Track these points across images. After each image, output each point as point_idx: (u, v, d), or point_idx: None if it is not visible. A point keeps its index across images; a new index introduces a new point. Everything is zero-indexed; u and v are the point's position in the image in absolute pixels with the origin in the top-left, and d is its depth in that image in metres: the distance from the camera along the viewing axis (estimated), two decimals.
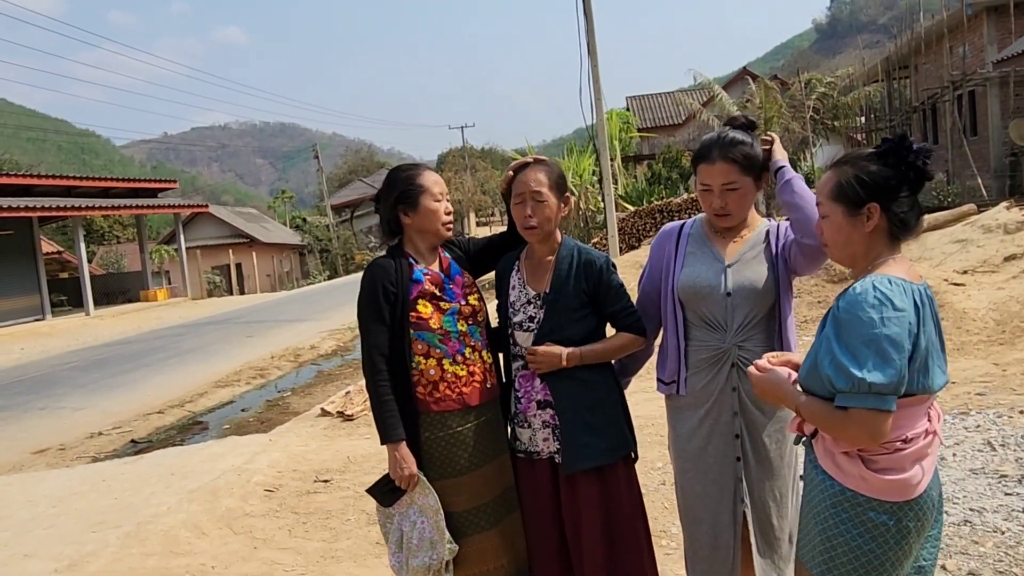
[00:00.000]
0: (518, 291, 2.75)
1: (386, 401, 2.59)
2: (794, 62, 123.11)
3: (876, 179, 1.92)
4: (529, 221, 2.64)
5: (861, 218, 1.94)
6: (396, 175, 2.76)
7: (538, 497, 2.71)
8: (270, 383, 11.57)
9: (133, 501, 5.13)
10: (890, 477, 1.85)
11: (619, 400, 2.75)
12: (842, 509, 1.89)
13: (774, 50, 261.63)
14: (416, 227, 2.73)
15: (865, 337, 1.78)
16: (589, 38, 16.54)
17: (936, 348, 1.89)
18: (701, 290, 2.56)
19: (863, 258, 1.97)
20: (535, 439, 2.70)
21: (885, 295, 1.80)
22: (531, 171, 2.69)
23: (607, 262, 2.72)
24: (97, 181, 27.38)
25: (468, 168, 61.27)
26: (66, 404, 10.63)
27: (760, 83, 23.26)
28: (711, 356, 2.56)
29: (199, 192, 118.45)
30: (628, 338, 2.70)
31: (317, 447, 6.12)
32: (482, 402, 2.69)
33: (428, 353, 2.64)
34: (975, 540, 3.61)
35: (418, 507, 2.61)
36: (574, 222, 23.13)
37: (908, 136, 1.93)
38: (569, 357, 2.61)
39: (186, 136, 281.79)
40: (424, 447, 2.62)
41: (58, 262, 33.30)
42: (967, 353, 7.05)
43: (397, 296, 2.63)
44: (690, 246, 2.66)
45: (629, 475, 2.71)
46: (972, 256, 10.30)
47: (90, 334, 19.63)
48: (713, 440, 2.58)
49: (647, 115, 39.98)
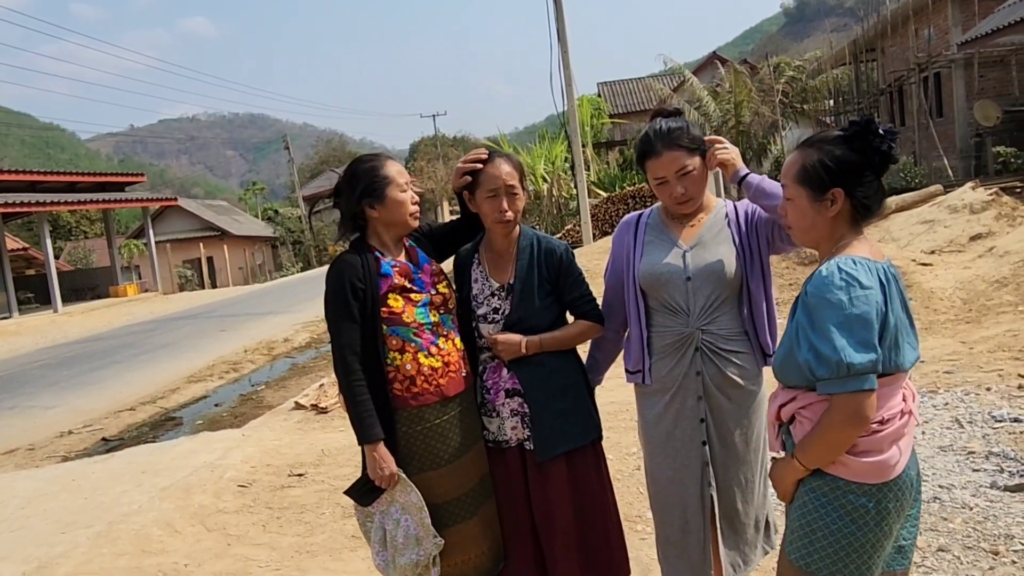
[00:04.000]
0: (481, 283, 2.74)
1: (362, 401, 2.52)
2: (763, 46, 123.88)
3: (841, 163, 1.93)
4: (506, 215, 2.63)
5: (825, 202, 1.95)
6: (357, 167, 2.68)
7: (509, 485, 2.71)
8: (243, 377, 11.47)
9: (104, 500, 5.05)
10: (869, 459, 1.86)
11: (585, 384, 2.77)
12: (821, 494, 1.89)
13: (743, 34, 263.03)
14: (383, 220, 2.66)
15: (836, 319, 1.79)
16: (559, 24, 16.48)
17: (905, 325, 1.91)
18: (661, 276, 2.56)
19: (827, 240, 1.99)
20: (503, 428, 2.69)
21: (851, 275, 1.81)
22: (501, 164, 2.66)
23: (567, 250, 2.74)
24: (62, 176, 26.87)
25: (440, 157, 60.98)
26: (36, 403, 10.47)
27: (730, 68, 23.35)
28: (674, 341, 2.57)
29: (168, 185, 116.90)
30: (586, 325, 2.72)
31: (291, 441, 6.07)
32: (458, 392, 2.66)
33: (403, 348, 2.59)
34: (944, 517, 3.66)
35: (400, 505, 2.57)
36: (547, 209, 23.13)
37: (875, 119, 1.93)
38: (528, 344, 2.62)
39: (154, 129, 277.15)
40: (402, 442, 2.58)
41: (24, 259, 32.72)
42: (935, 332, 7.15)
43: (366, 292, 2.57)
44: (648, 235, 2.67)
45: (597, 458, 2.74)
46: (939, 236, 10.44)
47: (59, 331, 19.34)
48: (680, 425, 2.59)
49: (619, 101, 39.98)
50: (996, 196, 10.87)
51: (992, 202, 10.66)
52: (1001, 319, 7.12)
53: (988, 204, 10.61)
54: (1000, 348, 6.27)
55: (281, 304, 19.95)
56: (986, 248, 9.15)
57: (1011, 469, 4.07)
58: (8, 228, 31.69)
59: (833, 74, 23.79)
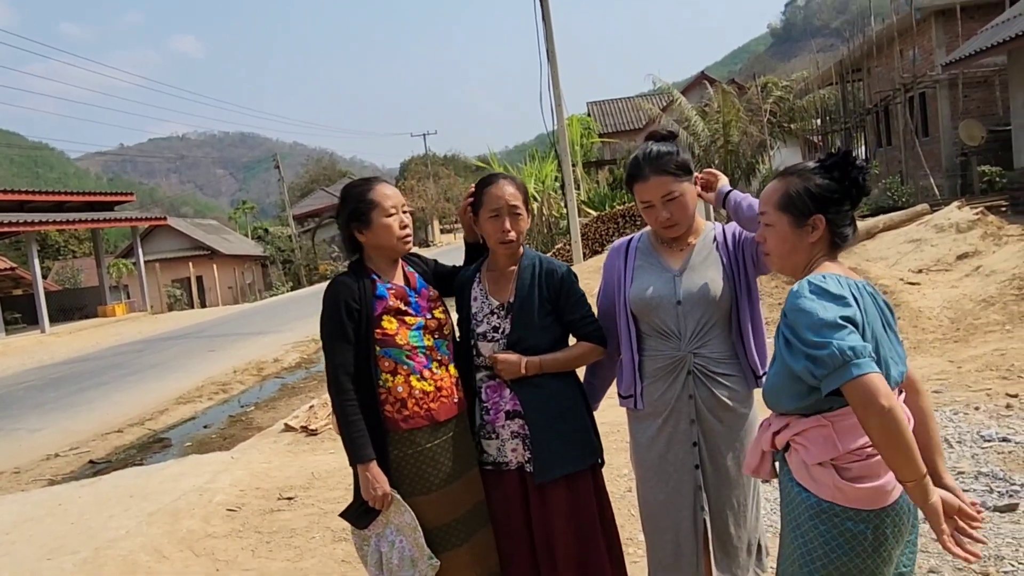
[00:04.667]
0: (480, 302, 2.75)
1: (354, 421, 2.54)
2: (751, 66, 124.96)
3: (823, 191, 1.99)
4: (508, 235, 2.66)
5: (807, 229, 2.00)
6: (348, 191, 2.72)
7: (508, 508, 2.70)
8: (233, 398, 11.39)
9: (91, 525, 5.00)
10: (863, 485, 1.86)
11: (585, 408, 2.77)
12: (820, 521, 1.89)
13: (731, 54, 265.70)
14: (372, 244, 2.69)
15: (813, 324, 1.81)
16: (548, 44, 16.61)
17: (885, 339, 1.93)
18: (651, 301, 2.57)
19: (803, 267, 2.03)
20: (503, 450, 2.70)
21: (819, 286, 1.86)
22: (505, 185, 2.70)
23: (568, 271, 2.76)
24: (51, 195, 26.79)
25: (431, 175, 61.19)
26: (21, 425, 10.37)
27: (717, 88, 23.54)
28: (666, 365, 2.58)
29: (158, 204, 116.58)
30: (588, 347, 2.72)
31: (280, 463, 6.04)
32: (450, 417, 2.66)
33: (395, 370, 2.61)
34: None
35: (395, 526, 2.57)
36: (537, 228, 23.17)
37: (852, 151, 2.01)
38: (528, 365, 2.62)
39: (143, 147, 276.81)
40: (393, 465, 2.58)
41: (11, 279, 32.49)
42: (923, 351, 7.19)
43: (361, 313, 2.59)
44: (638, 260, 2.69)
45: (597, 482, 2.74)
46: (926, 255, 10.51)
47: (46, 352, 19.19)
48: (672, 448, 2.59)
49: (608, 120, 40.24)
50: (982, 215, 10.97)
51: (978, 221, 10.75)
52: (988, 338, 7.17)
53: (974, 223, 10.70)
54: (988, 367, 6.30)
55: (271, 324, 19.86)
56: (973, 267, 9.23)
57: (1000, 489, 4.09)
58: None
59: (820, 94, 24.04)
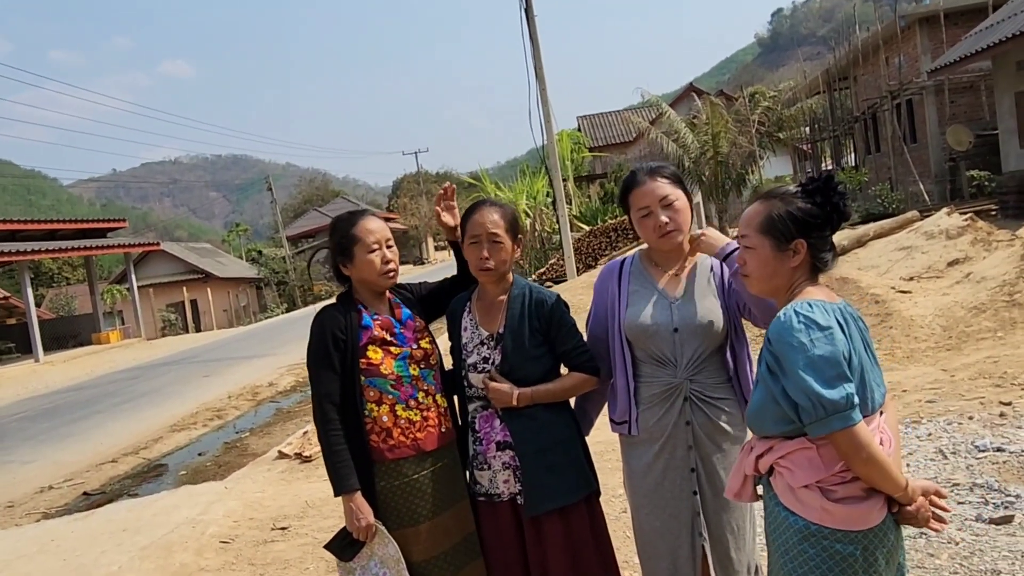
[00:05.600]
0: (470, 332, 2.73)
1: (338, 451, 2.54)
2: (739, 76, 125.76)
3: (805, 215, 1.99)
4: (486, 263, 2.62)
5: (788, 253, 2.00)
6: (335, 225, 2.74)
7: (502, 540, 2.67)
8: (228, 424, 11.34)
9: (83, 562, 4.95)
10: (850, 506, 1.86)
11: (578, 440, 2.73)
12: (809, 545, 1.88)
13: (719, 64, 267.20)
14: (356, 277, 2.70)
15: (802, 362, 1.81)
16: (536, 62, 16.69)
17: (868, 362, 1.94)
18: (648, 328, 2.55)
19: (784, 290, 2.03)
20: (495, 481, 2.67)
21: (808, 317, 1.85)
22: (486, 212, 2.67)
23: (558, 301, 2.71)
24: (43, 224, 26.78)
25: (424, 193, 61.25)
26: (14, 458, 10.30)
27: (706, 99, 23.65)
28: (663, 391, 2.56)
29: (152, 228, 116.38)
30: (581, 378, 2.68)
31: (274, 492, 5.99)
32: (437, 447, 2.65)
33: (380, 400, 2.60)
34: (930, 553, 3.64)
35: (379, 558, 2.55)
36: (530, 244, 23.19)
37: (835, 176, 2.03)
38: (520, 397, 2.59)
39: (136, 172, 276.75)
40: (380, 496, 2.57)
41: (4, 308, 32.43)
42: (916, 360, 7.19)
43: (347, 343, 2.60)
44: (632, 284, 2.65)
45: (593, 513, 2.69)
46: (917, 263, 10.53)
47: (40, 382, 19.10)
48: (669, 475, 2.57)
49: (598, 134, 40.41)
50: (971, 221, 11.00)
51: (968, 227, 10.78)
52: (981, 345, 7.17)
53: (964, 229, 10.73)
54: (981, 375, 6.30)
55: (265, 347, 19.79)
56: (963, 274, 9.24)
57: (995, 501, 4.06)
58: None
59: (808, 103, 24.16)
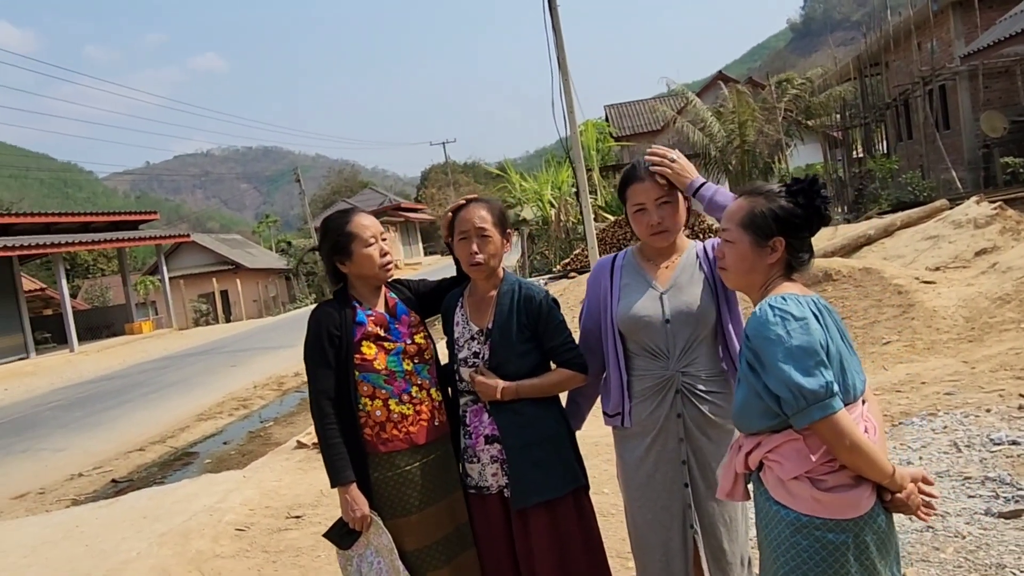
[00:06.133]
0: (462, 327, 2.77)
1: (334, 444, 2.62)
2: (770, 63, 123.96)
3: (787, 214, 2.04)
4: (475, 258, 2.66)
5: (767, 250, 2.04)
6: (328, 224, 2.79)
7: (491, 532, 2.71)
8: (253, 414, 11.53)
9: (104, 548, 5.08)
10: (840, 495, 1.89)
11: (567, 435, 2.75)
12: (802, 536, 1.91)
13: (751, 51, 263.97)
14: (354, 273, 2.76)
15: (780, 354, 1.85)
16: (559, 52, 16.61)
17: (846, 352, 1.97)
18: (640, 320, 2.58)
19: (759, 287, 2.07)
20: (484, 474, 2.71)
21: (782, 309, 1.89)
22: (473, 208, 2.71)
23: (547, 297, 2.75)
24: (77, 216, 27.27)
25: (451, 183, 61.43)
26: (47, 445, 10.56)
27: (732, 88, 23.43)
28: (655, 384, 2.58)
29: (184, 220, 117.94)
30: (567, 374, 2.70)
31: (291, 481, 6.09)
32: (429, 440, 2.70)
33: (374, 394, 2.66)
34: (936, 546, 3.62)
35: (374, 547, 2.63)
36: (555, 234, 23.17)
37: (819, 179, 2.06)
38: (504, 391, 2.63)
39: (169, 165, 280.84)
40: (374, 487, 2.64)
41: (41, 299, 33.13)
42: (937, 352, 7.09)
43: (341, 339, 2.66)
44: (624, 277, 2.68)
45: (580, 507, 2.71)
46: (944, 252, 10.38)
47: (74, 371, 19.52)
48: (660, 468, 2.59)
49: (626, 123, 40.16)
50: (1000, 210, 10.80)
51: (996, 216, 10.59)
52: (1004, 337, 7.05)
53: (992, 218, 10.54)
54: (1002, 367, 6.20)
55: (291, 337, 19.98)
56: (990, 264, 9.08)
57: (1006, 495, 4.02)
58: (27, 269, 32.18)
59: (837, 90, 23.81)
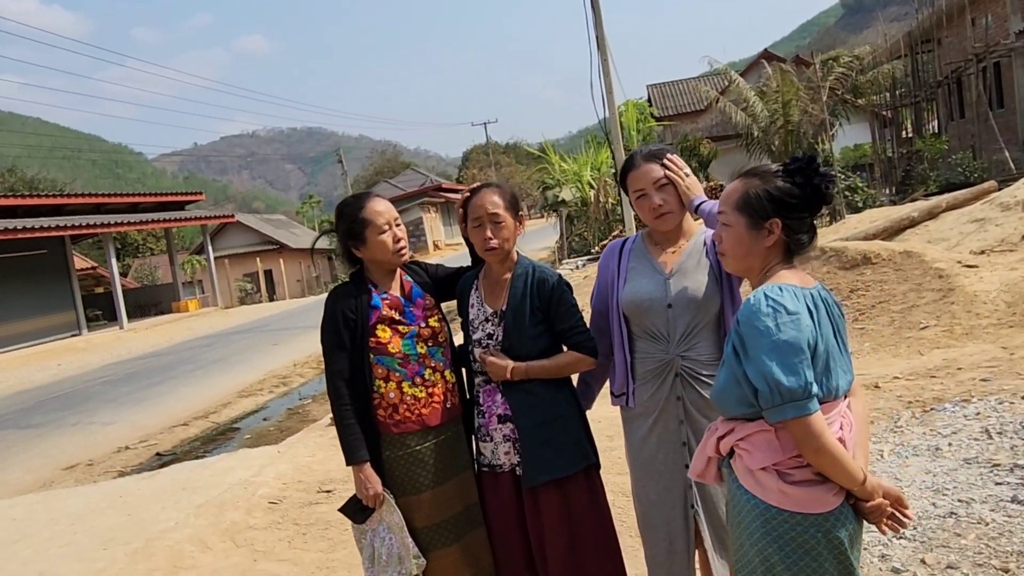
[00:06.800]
0: (477, 309, 2.82)
1: (349, 425, 2.69)
2: (819, 40, 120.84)
3: (782, 195, 1.97)
4: (490, 243, 2.71)
5: (763, 232, 1.99)
6: (342, 210, 2.83)
7: (503, 510, 2.77)
8: (292, 391, 11.79)
9: (145, 517, 5.29)
10: (806, 489, 1.87)
11: (578, 415, 2.80)
12: (772, 527, 1.89)
13: (799, 28, 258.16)
14: (368, 258, 2.81)
15: (766, 346, 1.82)
16: (598, 32, 16.47)
17: (835, 351, 1.93)
18: (643, 303, 2.61)
19: (758, 269, 2.03)
20: (497, 452, 2.77)
21: (777, 301, 1.85)
22: (486, 194, 2.75)
23: (559, 280, 2.78)
24: (125, 197, 28.02)
25: (492, 164, 61.47)
26: (96, 419, 10.95)
27: (775, 66, 22.95)
28: (656, 367, 2.62)
29: (231, 200, 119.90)
30: (576, 356, 2.74)
31: (323, 457, 6.24)
32: (442, 422, 2.77)
33: (388, 377, 2.73)
34: (958, 533, 3.59)
35: (386, 524, 2.72)
36: (594, 215, 23.10)
37: (816, 157, 1.99)
38: (514, 370, 2.68)
39: (216, 146, 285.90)
40: (386, 466, 2.72)
41: (93, 277, 34.07)
42: (976, 337, 6.95)
43: (357, 323, 2.73)
44: (631, 261, 2.72)
45: (591, 486, 2.76)
46: (990, 235, 10.10)
47: (124, 347, 20.11)
48: (662, 448, 2.64)
49: (668, 103, 39.61)
50: None
51: None
52: None
53: None
54: None
55: None
56: None
57: None
58: (79, 248, 33.10)
59: (885, 68, 23.15)
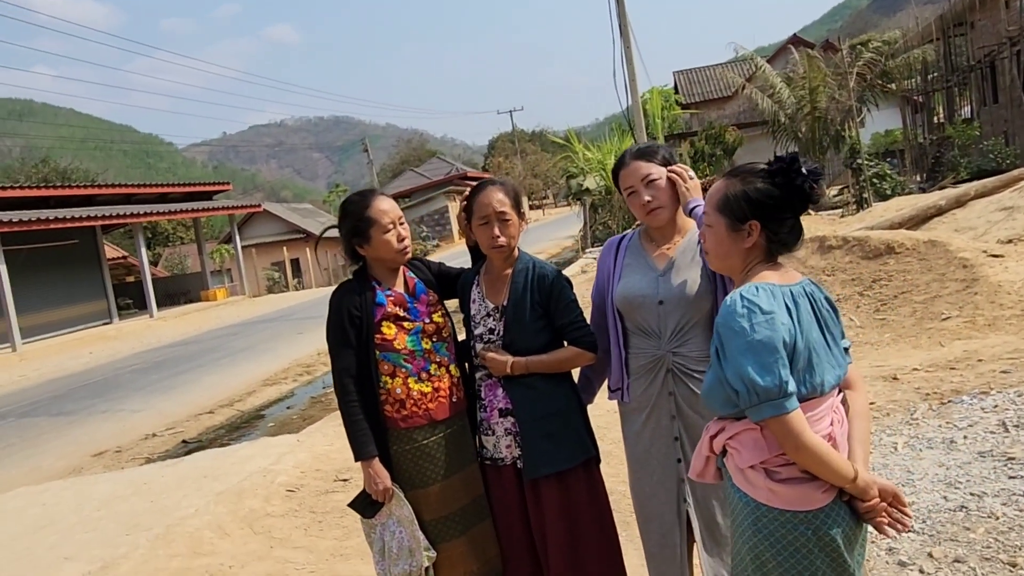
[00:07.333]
0: (478, 304, 2.86)
1: (356, 421, 2.73)
2: (851, 24, 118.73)
3: (762, 197, 1.96)
4: (497, 241, 2.74)
5: (742, 233, 1.98)
6: (346, 208, 2.85)
7: (505, 501, 2.82)
8: (316, 379, 11.92)
9: (167, 504, 5.42)
10: (793, 487, 1.87)
11: (578, 409, 2.83)
12: (762, 525, 1.89)
13: (831, 11, 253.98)
14: (372, 256, 2.84)
15: (741, 347, 1.82)
16: (621, 20, 16.40)
17: (821, 346, 1.91)
18: (635, 300, 2.64)
19: (739, 271, 2.03)
20: (498, 446, 2.81)
21: (751, 301, 1.84)
22: (492, 192, 2.77)
23: (559, 276, 2.81)
24: (155, 187, 28.39)
25: (518, 152, 61.39)
26: (125, 407, 11.17)
27: (802, 52, 22.64)
28: (648, 363, 2.65)
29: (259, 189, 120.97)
30: (576, 351, 2.77)
31: (342, 446, 6.32)
32: (448, 416, 2.81)
33: (394, 373, 2.77)
34: (967, 526, 3.58)
35: (396, 518, 2.76)
36: (618, 204, 22.98)
37: (799, 158, 1.95)
38: (514, 365, 2.72)
39: (244, 135, 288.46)
40: (394, 460, 2.77)
41: (124, 266, 34.62)
42: (999, 328, 6.86)
43: (362, 320, 2.76)
44: (627, 258, 2.74)
45: (591, 479, 2.80)
46: (1018, 224, 9.94)
47: (153, 336, 20.45)
48: (655, 443, 2.67)
49: (695, 89, 39.32)
50: None
51: None
52: None
53: None
54: None
55: None
56: None
57: None
58: (111, 237, 33.68)
59: (916, 52, 22.75)
